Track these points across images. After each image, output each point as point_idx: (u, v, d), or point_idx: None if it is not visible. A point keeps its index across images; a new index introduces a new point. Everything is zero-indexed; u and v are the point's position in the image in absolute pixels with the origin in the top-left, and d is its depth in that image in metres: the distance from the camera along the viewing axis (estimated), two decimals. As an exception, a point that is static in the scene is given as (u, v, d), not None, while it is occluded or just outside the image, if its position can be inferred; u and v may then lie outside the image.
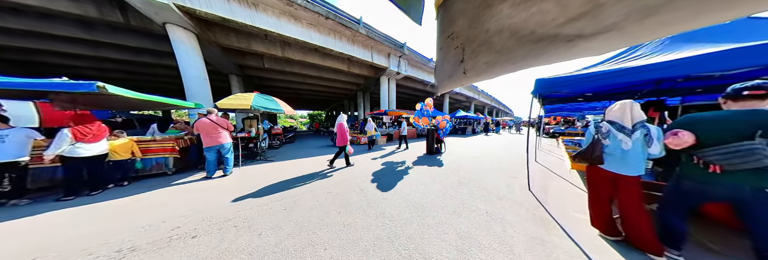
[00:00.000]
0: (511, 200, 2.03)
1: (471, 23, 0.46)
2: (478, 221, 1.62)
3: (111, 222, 1.65)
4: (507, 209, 1.84)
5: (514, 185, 2.47)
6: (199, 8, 4.72)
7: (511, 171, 3.18)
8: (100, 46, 6.53)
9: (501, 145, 6.67)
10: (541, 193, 2.21)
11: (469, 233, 1.45)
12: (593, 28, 0.27)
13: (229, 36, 6.35)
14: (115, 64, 7.88)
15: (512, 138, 9.37)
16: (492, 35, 0.42)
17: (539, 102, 3.27)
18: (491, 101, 30.88)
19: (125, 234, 1.46)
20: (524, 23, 0.35)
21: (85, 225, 1.60)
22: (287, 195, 2.16)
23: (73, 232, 1.49)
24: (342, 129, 3.43)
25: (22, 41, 5.83)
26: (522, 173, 2.90)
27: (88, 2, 4.65)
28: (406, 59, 10.75)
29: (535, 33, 0.34)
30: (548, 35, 0.33)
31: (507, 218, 1.67)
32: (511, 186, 2.44)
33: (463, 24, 0.49)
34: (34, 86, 1.85)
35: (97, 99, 2.49)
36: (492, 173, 3.04)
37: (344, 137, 3.43)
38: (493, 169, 3.33)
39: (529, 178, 2.46)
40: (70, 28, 5.39)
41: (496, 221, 1.62)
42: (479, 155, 4.66)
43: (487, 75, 0.52)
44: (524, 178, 2.60)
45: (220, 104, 3.47)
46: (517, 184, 2.52)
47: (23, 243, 1.37)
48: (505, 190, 2.31)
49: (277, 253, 1.23)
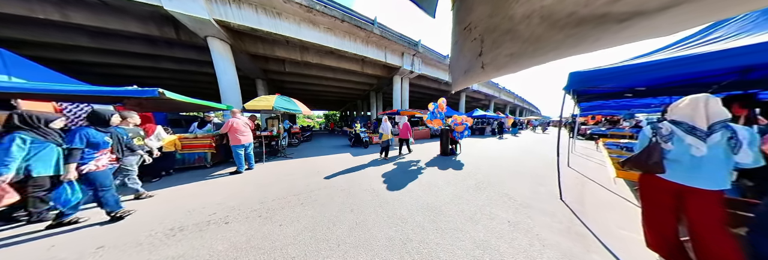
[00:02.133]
0: (539, 209, 1.84)
1: (493, 10, 0.42)
2: (499, 230, 1.50)
3: (164, 205, 1.98)
4: (533, 219, 1.67)
5: (541, 193, 2.24)
6: (233, 21, 5.32)
7: (536, 176, 2.91)
8: (159, 59, 7.80)
9: (523, 147, 6.17)
10: (576, 204, 1.95)
11: (488, 243, 1.35)
12: (656, 2, 0.22)
13: (256, 44, 7.02)
14: (169, 73, 9.32)
15: (537, 139, 8.58)
16: (518, 22, 0.37)
17: (573, 99, 2.89)
18: (514, 99, 28.60)
19: (175, 216, 1.75)
20: (560, 4, 0.29)
21: (144, 207, 1.96)
22: (304, 191, 2.33)
23: (138, 214, 1.83)
24: (407, 126, 4.71)
25: (106, 57, 7.27)
26: (550, 180, 2.66)
27: (151, 23, 5.60)
28: (420, 57, 10.56)
29: (576, 14, 0.28)
30: (593, 16, 0.27)
31: (534, 229, 1.51)
32: (538, 194, 2.22)
33: (483, 12, 0.44)
34: (115, 93, 2.31)
35: (157, 103, 2.99)
36: (514, 178, 2.81)
37: (408, 132, 4.68)
38: (515, 173, 3.09)
39: (561, 185, 2.18)
40: (140, 45, 6.56)
41: (520, 232, 1.48)
42: (498, 158, 4.37)
43: (510, 69, 0.46)
44: (554, 185, 2.38)
45: (247, 105, 3.87)
46: (546, 191, 2.28)
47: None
48: (530, 198, 2.11)
49: (295, 245, 1.34)
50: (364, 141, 5.92)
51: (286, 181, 2.70)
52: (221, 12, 5.16)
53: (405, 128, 4.68)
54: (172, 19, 5.21)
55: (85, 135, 1.52)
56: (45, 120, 1.60)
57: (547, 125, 16.23)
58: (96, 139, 1.56)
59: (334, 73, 10.48)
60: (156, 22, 5.60)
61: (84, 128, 1.57)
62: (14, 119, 1.51)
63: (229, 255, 1.24)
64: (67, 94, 2.26)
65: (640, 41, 0.27)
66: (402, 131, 4.71)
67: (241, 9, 5.39)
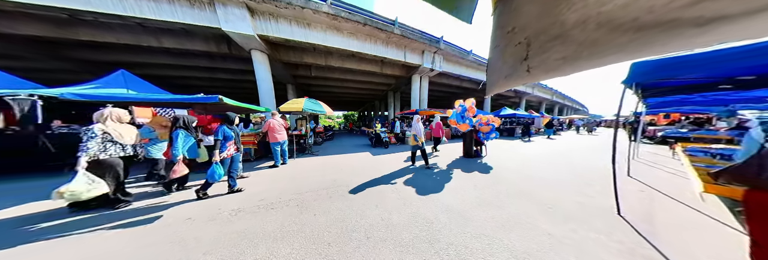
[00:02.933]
0: (587, 224, 1.59)
1: (541, 15, 0.41)
2: (539, 242, 1.36)
3: (222, 190, 2.40)
4: (580, 234, 1.46)
5: (589, 205, 1.94)
6: (271, 34, 6.11)
7: (581, 185, 2.51)
8: (215, 71, 9.48)
9: (562, 151, 5.34)
10: (642, 222, 1.62)
11: (529, 255, 1.23)
12: (744, 5, 0.20)
13: (288, 53, 7.87)
14: (222, 82, 11.26)
15: (581, 142, 7.28)
16: (570, 28, 0.36)
17: (637, 94, 2.35)
18: (551, 95, 23.89)
19: (233, 200, 2.11)
20: (622, 10, 0.28)
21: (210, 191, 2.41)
22: (332, 185, 2.53)
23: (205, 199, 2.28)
24: (439, 125, 4.85)
25: (180, 72, 9.23)
26: (600, 190, 2.27)
27: (212, 42, 6.86)
28: (441, 54, 10.13)
29: (640, 20, 0.27)
30: (662, 21, 0.25)
31: (585, 246, 1.31)
32: (585, 206, 1.93)
33: (530, 17, 0.44)
34: (188, 100, 2.93)
35: (216, 107, 3.66)
36: (552, 186, 2.49)
37: (440, 130, 4.81)
38: (555, 181, 2.73)
39: (618, 198, 1.82)
40: (203, 60, 8.13)
41: (566, 247, 1.31)
42: (532, 162, 3.89)
43: (562, 72, 0.45)
44: (605, 196, 2.03)
45: (282, 108, 4.38)
46: (596, 204, 1.96)
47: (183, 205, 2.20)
48: (575, 210, 1.85)
49: (330, 233, 1.49)
50: (384, 141, 5.96)
51: (315, 176, 2.96)
52: (262, 27, 5.96)
53: (438, 127, 4.75)
54: (226, 37, 6.26)
55: (222, 131, 2.12)
56: (191, 121, 2.29)
57: (594, 125, 13.33)
58: (228, 134, 2.17)
59: (354, 75, 10.93)
60: (215, 40, 6.84)
61: (222, 126, 2.17)
62: (178, 121, 2.19)
63: (277, 234, 1.47)
64: (159, 101, 2.97)
65: (720, 44, 0.24)
66: (434, 130, 4.80)
67: (278, 23, 6.13)
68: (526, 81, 0.56)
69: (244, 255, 1.25)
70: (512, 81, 0.60)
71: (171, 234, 1.47)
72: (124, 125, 1.98)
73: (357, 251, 1.27)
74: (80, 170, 1.60)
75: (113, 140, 1.84)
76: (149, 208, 1.92)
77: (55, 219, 1.69)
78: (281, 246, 1.33)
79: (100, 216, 1.75)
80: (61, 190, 1.46)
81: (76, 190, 1.50)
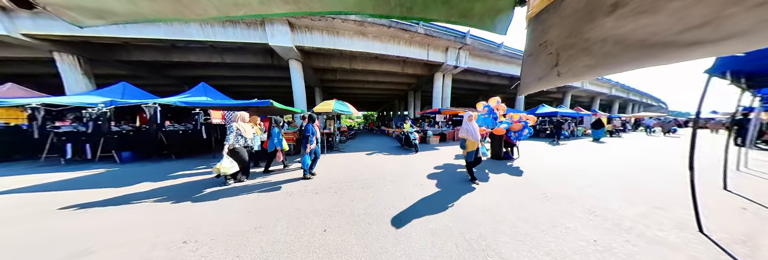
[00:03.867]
0: (652, 238, 1.35)
1: (569, 34, 0.50)
2: (580, 248, 1.26)
3: (276, 177, 2.92)
4: (639, 246, 1.27)
5: (654, 218, 1.64)
6: (306, 44, 6.94)
7: (647, 195, 2.13)
8: (260, 79, 11.18)
9: (619, 156, 4.50)
10: (744, 245, 1.30)
11: (567, 257, 1.16)
12: (716, 35, 0.28)
13: (318, 59, 8.73)
14: (265, 87, 13.23)
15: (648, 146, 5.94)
16: (593, 44, 0.45)
17: (738, 84, 1.85)
18: (610, 89, 18.48)
19: (285, 185, 2.57)
20: (632, 33, 0.36)
21: (272, 178, 2.97)
22: (361, 178, 2.78)
23: (266, 182, 2.83)
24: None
25: (236, 81, 11.24)
26: (677, 202, 1.90)
27: (259, 55, 8.20)
28: (467, 50, 9.59)
29: (646, 41, 0.35)
30: (661, 42, 0.33)
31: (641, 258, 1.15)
32: (649, 218, 1.64)
33: (559, 34, 0.54)
34: (246, 104, 3.65)
35: (265, 109, 4.41)
36: (603, 193, 2.19)
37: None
38: (608, 186, 2.42)
39: (699, 212, 1.49)
40: (252, 70, 9.75)
41: (617, 257, 1.17)
42: (574, 167, 3.41)
43: (587, 76, 0.54)
44: (681, 209, 1.71)
45: (315, 109, 4.94)
46: (668, 217, 1.64)
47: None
48: (635, 220, 1.60)
49: (368, 215, 1.72)
50: (414, 144, 4.92)
51: (345, 170, 3.30)
52: (299, 39, 6.82)
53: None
54: (271, 50, 7.37)
55: (310, 129, 2.68)
56: (279, 122, 3.17)
57: (673, 125, 10.15)
58: (313, 131, 2.70)
59: (375, 76, 11.31)
60: (262, 54, 8.14)
61: (310, 124, 2.71)
62: (275, 122, 3.16)
63: (325, 212, 1.79)
64: (226, 106, 3.80)
65: (706, 58, 0.32)
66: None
67: (312, 34, 6.92)
68: (557, 83, 0.65)
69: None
70: (545, 83, 0.69)
71: (288, 197, 2.13)
72: (246, 123, 2.69)
73: (389, 233, 1.45)
74: (225, 155, 2.32)
75: (241, 134, 2.52)
76: (265, 183, 2.62)
77: (217, 186, 2.46)
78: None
79: (244, 186, 2.48)
80: (217, 167, 2.23)
81: (224, 167, 2.23)
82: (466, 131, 2.45)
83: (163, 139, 4.17)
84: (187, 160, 4.13)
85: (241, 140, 2.53)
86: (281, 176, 2.90)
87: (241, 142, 2.53)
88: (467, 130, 2.43)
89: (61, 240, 1.38)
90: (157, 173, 3.14)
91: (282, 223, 1.58)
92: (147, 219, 1.67)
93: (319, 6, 0.58)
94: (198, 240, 1.37)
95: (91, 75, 7.08)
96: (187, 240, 1.37)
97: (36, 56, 6.77)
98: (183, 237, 1.40)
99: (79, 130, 3.84)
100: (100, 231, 1.49)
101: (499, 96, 4.03)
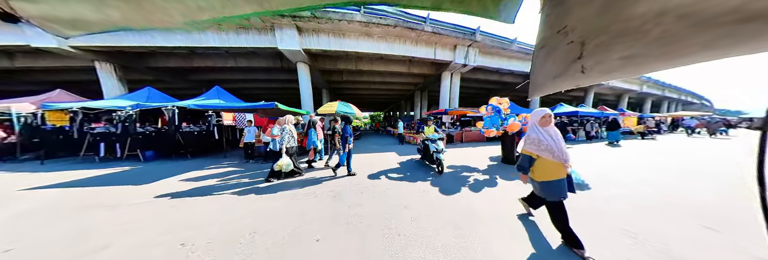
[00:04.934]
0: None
1: (600, 11, 0.37)
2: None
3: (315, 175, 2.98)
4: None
5: (711, 241, 1.34)
6: (313, 47, 7.10)
7: (695, 214, 1.74)
8: (270, 81, 11.67)
9: (652, 161, 3.98)
10: None
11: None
12: None
13: (325, 61, 8.89)
14: (274, 90, 13.74)
15: (690, 147, 5.19)
16: (641, 23, 0.31)
17: None
18: (641, 85, 16.13)
19: (295, 182, 2.62)
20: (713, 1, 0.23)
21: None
22: (361, 182, 2.75)
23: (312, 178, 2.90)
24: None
25: (247, 84, 11.83)
26: (737, 222, 1.58)
27: (269, 59, 8.55)
28: (477, 47, 9.20)
29: (742, 11, 0.22)
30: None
31: None
32: (702, 242, 1.33)
33: (585, 15, 0.41)
34: (254, 106, 3.79)
35: (272, 111, 4.56)
36: (645, 209, 1.80)
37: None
38: (652, 202, 1.96)
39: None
40: (262, 74, 10.19)
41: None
42: (603, 173, 3.02)
43: (624, 73, 0.40)
44: (745, 232, 1.41)
45: (319, 110, 5.01)
46: (728, 242, 1.33)
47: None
48: (688, 244, 1.30)
49: (377, 215, 1.72)
50: (437, 160, 3.04)
51: (352, 169, 3.22)
52: (306, 43, 7.00)
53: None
54: (280, 54, 7.64)
55: (348, 130, 2.94)
56: (313, 123, 3.54)
57: (720, 127, 8.76)
58: (350, 132, 2.94)
59: (381, 77, 11.27)
60: (272, 57, 8.47)
61: (347, 125, 2.98)
62: (311, 124, 3.50)
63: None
64: (236, 108, 3.97)
65: None
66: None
67: (318, 37, 7.07)
68: (579, 82, 0.50)
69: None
70: (563, 82, 0.54)
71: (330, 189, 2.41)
72: (292, 125, 3.02)
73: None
74: (283, 153, 2.69)
75: (292, 135, 2.88)
76: (311, 178, 2.85)
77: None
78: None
79: (297, 181, 2.75)
80: (278, 163, 2.59)
81: (284, 164, 2.61)
82: (536, 142, 1.27)
83: (180, 139, 4.48)
84: (202, 159, 4.39)
85: (291, 141, 2.88)
86: (320, 173, 3.07)
87: (290, 142, 2.87)
88: (539, 141, 1.27)
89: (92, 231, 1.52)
90: (175, 170, 3.37)
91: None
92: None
93: (280, 3, 0.54)
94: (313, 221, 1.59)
95: (125, 81, 7.86)
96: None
97: (80, 65, 7.66)
98: (299, 223, 1.59)
99: (110, 131, 4.26)
100: (116, 225, 1.61)
101: (510, 96, 3.90)
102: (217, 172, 3.27)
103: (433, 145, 3.14)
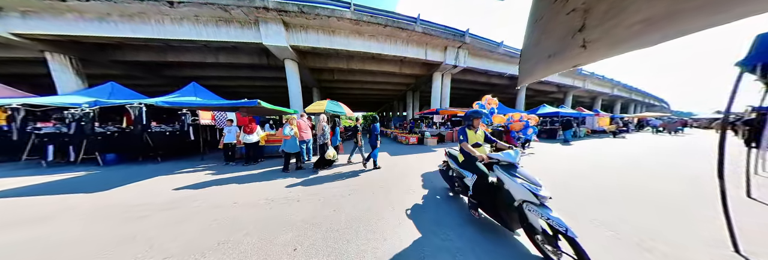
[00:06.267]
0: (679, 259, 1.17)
1: None
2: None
3: (270, 178, 2.77)
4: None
5: (673, 232, 1.42)
6: (301, 44, 6.80)
7: (663, 207, 1.86)
8: (256, 79, 11.08)
9: (625, 159, 4.25)
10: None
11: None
12: None
13: (315, 59, 8.60)
14: (260, 88, 13.12)
15: (655, 143, 5.65)
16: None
17: (764, 81, 1.62)
18: (612, 88, 17.94)
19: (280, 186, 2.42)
20: None
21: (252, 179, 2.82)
22: (352, 184, 2.63)
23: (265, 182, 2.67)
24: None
25: (229, 82, 11.14)
26: (695, 214, 1.69)
27: (254, 55, 8.10)
28: (466, 49, 9.44)
29: None
30: None
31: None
32: (669, 232, 1.41)
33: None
34: (235, 104, 3.50)
35: (255, 110, 4.26)
36: (613, 203, 1.94)
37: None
38: (618, 196, 2.15)
39: (733, 228, 1.26)
40: (246, 71, 9.64)
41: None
42: (586, 174, 3.19)
43: (641, 41, 0.32)
44: (706, 223, 1.50)
45: (307, 109, 4.79)
46: (689, 233, 1.41)
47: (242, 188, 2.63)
48: (652, 236, 1.38)
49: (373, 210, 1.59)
50: (471, 200, 1.58)
51: (341, 172, 3.15)
52: (294, 39, 6.70)
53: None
54: (266, 50, 7.26)
55: (377, 128, 3.31)
56: (338, 123, 3.79)
57: (678, 126, 10.57)
58: (379, 129, 3.33)
59: (373, 76, 11.17)
60: (257, 54, 8.03)
61: (376, 124, 3.34)
62: (337, 123, 3.77)
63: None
64: (214, 106, 3.64)
65: None
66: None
67: (307, 33, 6.80)
68: (578, 61, 0.43)
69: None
70: (558, 62, 0.47)
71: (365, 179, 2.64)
72: (324, 123, 3.45)
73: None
74: (329, 146, 3.28)
75: (325, 132, 3.32)
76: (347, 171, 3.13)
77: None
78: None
79: (333, 174, 2.99)
80: (328, 153, 3.20)
81: (333, 154, 3.26)
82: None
83: (148, 140, 4.03)
84: (174, 162, 3.99)
85: (324, 137, 3.34)
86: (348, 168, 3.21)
87: (323, 138, 3.33)
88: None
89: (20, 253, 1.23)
90: (139, 175, 3.00)
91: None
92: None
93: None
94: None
95: (84, 75, 6.99)
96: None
97: (28, 56, 6.69)
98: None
99: (61, 131, 3.72)
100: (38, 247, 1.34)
101: (499, 97, 4.00)
102: (190, 177, 2.97)
103: (507, 176, 1.29)
